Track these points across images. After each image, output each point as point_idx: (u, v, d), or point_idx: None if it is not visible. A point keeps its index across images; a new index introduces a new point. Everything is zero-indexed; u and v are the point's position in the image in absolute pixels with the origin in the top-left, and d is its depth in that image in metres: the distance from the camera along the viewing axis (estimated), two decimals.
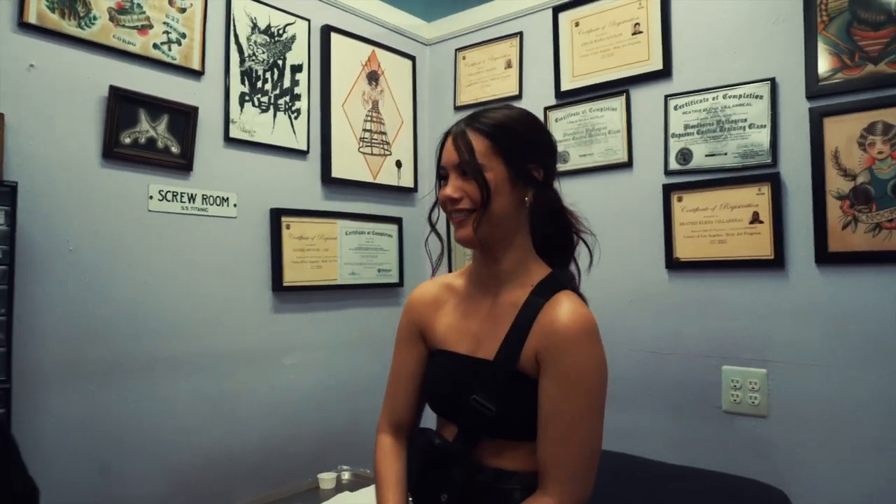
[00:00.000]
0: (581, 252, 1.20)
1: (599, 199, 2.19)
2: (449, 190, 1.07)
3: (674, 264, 2.00)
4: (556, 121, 2.32)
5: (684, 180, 2.00)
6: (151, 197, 1.84)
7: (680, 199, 2.00)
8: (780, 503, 1.64)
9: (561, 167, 2.30)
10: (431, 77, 2.75)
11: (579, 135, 2.27)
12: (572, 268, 1.20)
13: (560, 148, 2.31)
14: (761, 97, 1.86)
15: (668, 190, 2.02)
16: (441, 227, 1.21)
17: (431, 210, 1.18)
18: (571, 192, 2.19)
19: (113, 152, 1.76)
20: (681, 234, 1.99)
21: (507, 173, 1.06)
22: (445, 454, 1.09)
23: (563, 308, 1.05)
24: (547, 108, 2.34)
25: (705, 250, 1.94)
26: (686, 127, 2.01)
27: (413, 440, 1.20)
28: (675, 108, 2.03)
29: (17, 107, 1.59)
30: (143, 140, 1.83)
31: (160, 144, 1.86)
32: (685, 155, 2.01)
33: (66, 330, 1.66)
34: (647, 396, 2.03)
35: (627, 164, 2.15)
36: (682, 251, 1.99)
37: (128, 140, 1.80)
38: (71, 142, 1.69)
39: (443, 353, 1.16)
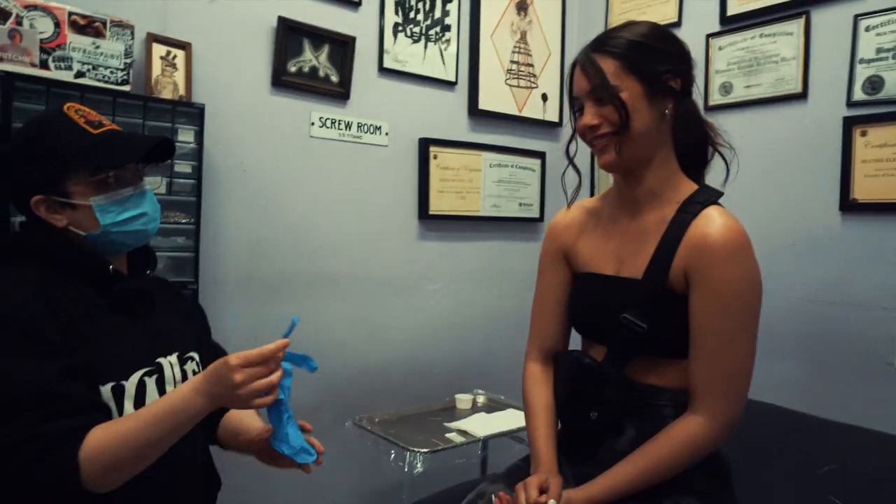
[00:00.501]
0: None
1: (766, 135, 2.02)
2: (587, 118, 1.05)
3: (850, 206, 1.81)
4: (720, 49, 2.15)
5: (871, 112, 1.78)
6: (313, 123, 1.96)
7: (864, 134, 1.79)
8: None
9: (722, 100, 2.14)
10: (582, 6, 2.64)
11: (745, 63, 2.08)
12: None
13: (722, 79, 2.14)
14: None
15: (849, 123, 1.82)
16: (582, 159, 1.18)
17: (569, 143, 1.16)
18: (736, 127, 2.07)
19: (281, 80, 1.88)
20: (861, 172, 1.79)
21: (643, 89, 1.03)
22: (595, 373, 1.10)
23: (714, 222, 1.02)
24: (710, 36, 2.17)
25: (891, 191, 1.73)
26: (879, 51, 1.77)
27: (559, 361, 1.21)
28: (868, 28, 1.79)
29: (201, 37, 1.75)
30: (306, 69, 1.94)
31: (321, 73, 1.97)
32: (875, 83, 1.78)
33: (241, 245, 1.84)
34: (806, 349, 1.89)
35: (801, 96, 1.95)
36: (862, 192, 1.79)
37: (293, 69, 1.91)
38: (246, 69, 1.84)
39: (588, 276, 1.16)
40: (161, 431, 0.93)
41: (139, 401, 1.03)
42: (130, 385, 1.02)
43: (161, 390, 1.06)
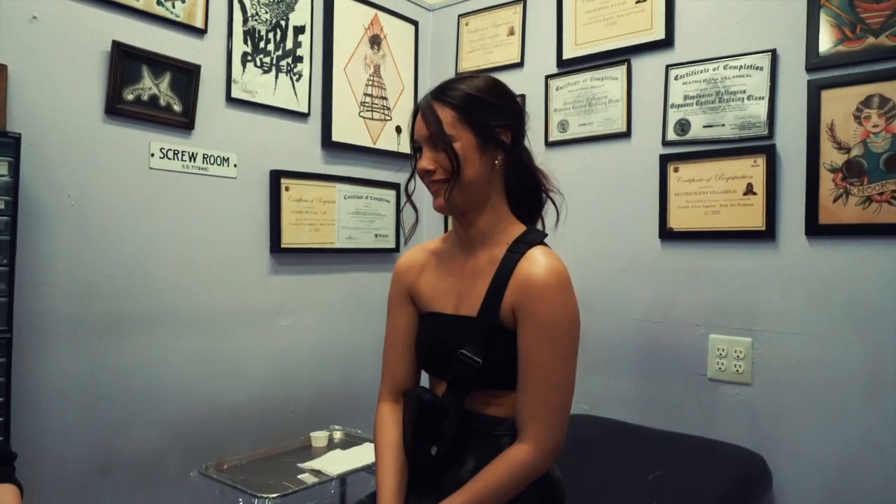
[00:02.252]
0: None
1: (597, 169, 2.21)
2: (424, 162, 1.12)
3: (667, 234, 2.03)
4: (557, 89, 2.33)
5: (681, 151, 2.01)
6: (153, 154, 1.86)
7: (676, 170, 2.02)
8: (756, 466, 1.70)
9: (560, 136, 2.31)
10: (434, 43, 2.75)
11: (579, 104, 2.27)
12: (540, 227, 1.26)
13: (559, 117, 2.32)
14: (761, 68, 1.86)
15: (664, 160, 2.04)
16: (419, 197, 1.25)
17: (408, 181, 1.23)
18: (570, 161, 2.26)
19: (115, 108, 1.77)
20: (675, 204, 2.01)
21: (476, 140, 1.11)
22: (435, 408, 1.15)
23: (537, 263, 1.10)
24: (548, 77, 2.34)
25: (699, 221, 1.97)
26: (686, 97, 2.01)
27: (407, 399, 1.24)
28: (676, 77, 2.03)
29: (21, 58, 1.60)
30: (145, 97, 1.84)
31: (162, 102, 1.88)
32: (683, 126, 2.01)
33: (68, 283, 1.69)
34: (635, 363, 2.08)
35: (626, 134, 2.16)
36: (676, 221, 2.01)
37: (130, 97, 1.81)
38: (74, 96, 1.71)
39: (430, 315, 1.22)
40: None
41: None
42: None
43: None
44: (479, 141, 1.11)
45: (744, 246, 1.89)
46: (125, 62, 1.78)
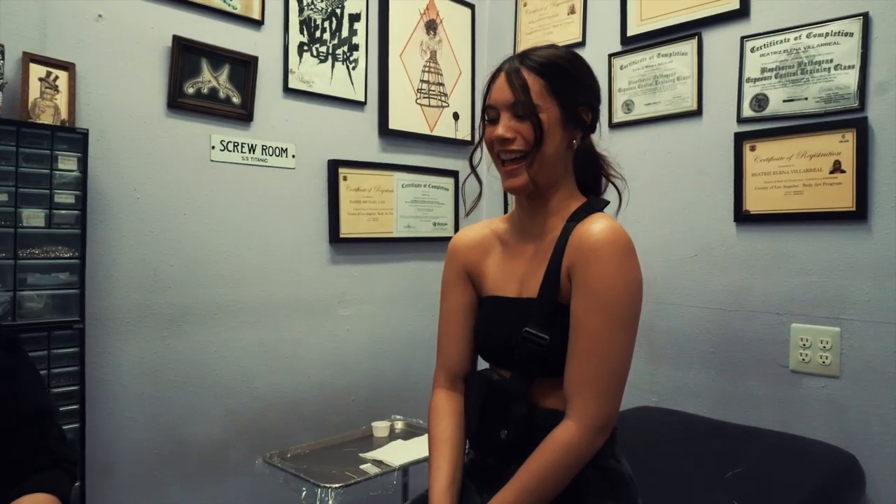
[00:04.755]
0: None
1: (665, 150, 2.10)
2: (501, 129, 1.05)
3: (743, 217, 1.90)
4: (621, 68, 2.22)
5: (758, 128, 1.87)
6: (213, 147, 1.88)
7: (753, 149, 1.88)
8: (848, 465, 1.57)
9: (625, 117, 2.20)
10: (491, 26, 2.67)
11: (645, 82, 2.16)
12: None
13: (624, 97, 2.21)
14: (851, 35, 1.71)
15: (739, 139, 1.91)
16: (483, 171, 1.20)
17: (473, 150, 1.16)
18: (636, 143, 2.15)
19: (177, 102, 1.80)
20: (752, 185, 1.88)
21: (560, 114, 1.05)
22: (503, 390, 1.08)
23: (595, 225, 1.03)
24: (612, 55, 2.24)
25: (779, 202, 1.83)
26: (763, 70, 1.87)
27: (470, 383, 1.18)
28: (752, 50, 1.89)
29: (87, 56, 1.64)
30: (205, 90, 1.86)
31: (222, 94, 1.89)
32: (760, 101, 1.88)
33: (136, 276, 1.73)
34: (708, 354, 1.96)
35: (696, 113, 2.03)
36: (753, 203, 1.88)
37: (191, 90, 1.83)
38: (137, 91, 1.74)
39: (493, 299, 1.15)
40: None
41: None
42: None
43: None
44: (563, 116, 1.05)
45: (830, 228, 1.74)
46: (185, 56, 1.80)
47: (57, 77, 1.58)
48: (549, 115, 1.04)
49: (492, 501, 1.01)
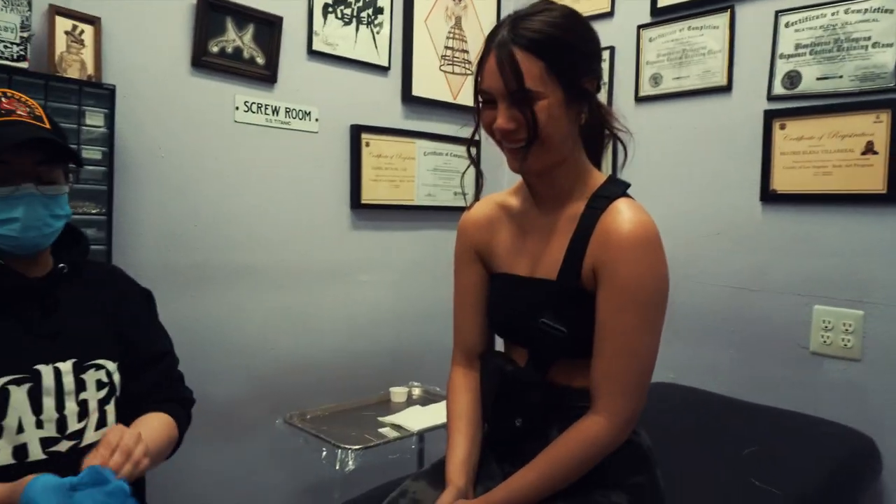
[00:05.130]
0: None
1: (692, 126, 2.07)
2: (502, 120, 0.95)
3: (770, 196, 1.88)
4: (650, 40, 2.18)
5: (790, 106, 1.84)
6: (237, 108, 1.86)
7: (783, 127, 1.86)
8: (866, 447, 1.58)
9: (652, 91, 2.17)
10: None
11: (674, 56, 2.12)
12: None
13: (652, 70, 2.17)
14: (891, 11, 1.66)
15: (770, 116, 1.88)
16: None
17: (471, 138, 1.09)
18: (662, 118, 2.12)
19: (201, 61, 1.77)
20: (780, 164, 1.86)
21: (564, 96, 0.95)
22: (517, 380, 1.08)
23: (621, 216, 0.98)
24: (640, 27, 2.19)
25: (807, 182, 1.81)
26: (798, 47, 1.83)
27: (485, 365, 1.18)
28: (787, 25, 1.85)
29: (113, 12, 1.61)
30: (229, 49, 1.83)
31: (246, 54, 1.87)
32: (793, 78, 1.84)
33: (159, 236, 1.73)
34: (727, 332, 1.96)
35: (726, 88, 2.00)
36: (781, 183, 1.86)
37: (215, 49, 1.80)
38: (162, 49, 1.71)
39: (504, 277, 1.13)
40: None
41: (1, 410, 0.97)
42: None
43: (35, 400, 1.00)
44: (567, 96, 0.95)
45: (860, 210, 1.72)
46: (210, 14, 1.77)
47: (83, 31, 1.55)
48: (553, 100, 0.94)
49: (512, 481, 1.02)
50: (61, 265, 1.10)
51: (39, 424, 1.00)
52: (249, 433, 1.92)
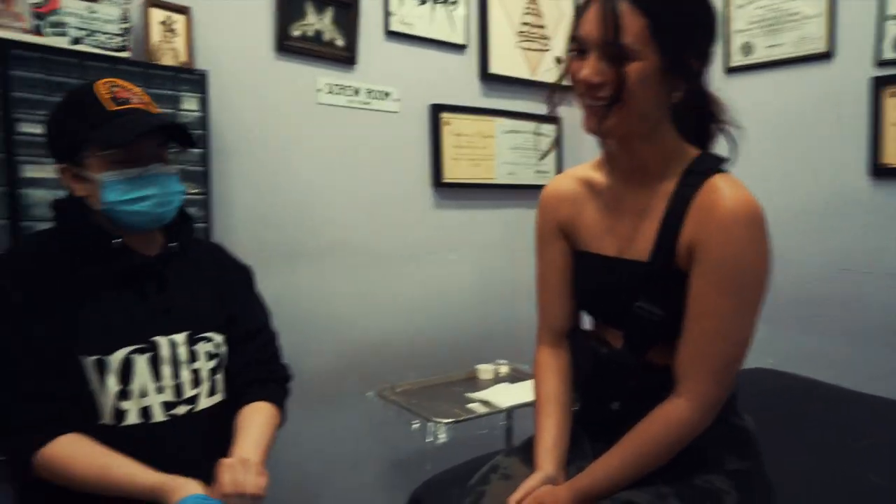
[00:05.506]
0: None
1: (788, 97, 1.96)
2: (588, 71, 0.88)
3: (880, 171, 1.76)
4: (740, 7, 2.07)
5: None
6: (320, 90, 1.88)
7: (895, 95, 1.73)
8: None
9: (743, 60, 2.06)
10: None
11: (767, 22, 2.00)
12: None
13: (742, 39, 2.06)
14: None
15: (878, 84, 1.75)
16: None
17: (553, 89, 1.01)
18: (755, 89, 2.01)
19: (284, 45, 1.80)
20: (892, 136, 1.73)
21: (661, 63, 0.87)
22: (614, 363, 1.04)
23: (720, 193, 0.91)
24: None
25: None
26: None
27: (575, 346, 1.15)
28: None
29: (201, 1, 1.65)
30: (310, 33, 1.85)
31: (326, 37, 1.88)
32: None
33: (253, 214, 1.78)
34: (834, 318, 1.85)
35: (826, 56, 1.88)
36: (894, 156, 1.73)
37: (297, 33, 1.82)
38: (248, 34, 1.75)
39: (589, 256, 1.08)
40: (105, 493, 0.99)
41: (125, 377, 1.05)
42: (114, 360, 1.04)
43: (156, 368, 1.08)
44: (665, 65, 0.87)
45: None
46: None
47: (175, 21, 1.60)
48: (647, 64, 0.86)
49: (597, 467, 0.99)
50: (172, 244, 1.16)
51: (160, 390, 1.08)
52: (342, 405, 1.97)
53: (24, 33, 1.34)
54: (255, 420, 1.16)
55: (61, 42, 1.38)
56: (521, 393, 1.79)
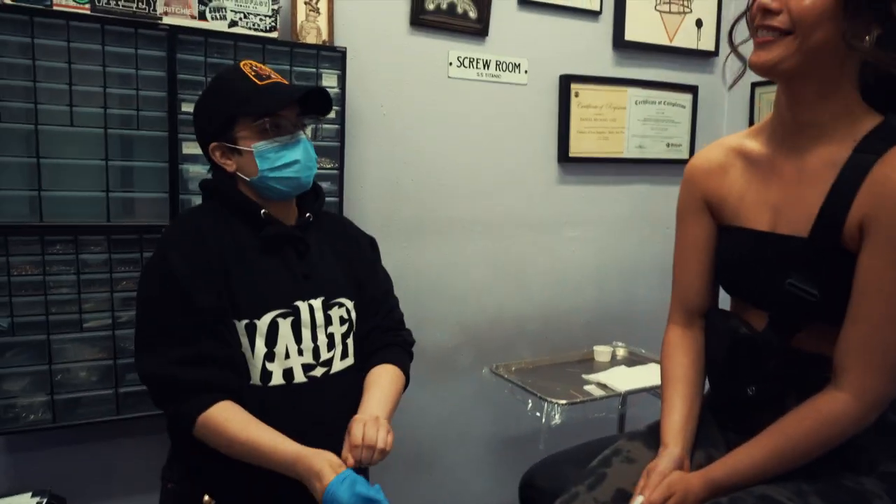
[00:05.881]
0: None
1: None
2: None
3: None
4: None
5: None
6: (451, 63, 1.91)
7: None
8: None
9: None
10: None
11: None
12: None
13: None
14: None
15: None
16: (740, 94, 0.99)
17: (734, 24, 0.97)
18: None
19: (419, 19, 1.83)
20: None
21: None
22: (755, 346, 0.98)
23: None
24: None
25: None
26: None
27: (712, 325, 1.09)
28: None
29: None
30: (444, 5, 1.87)
31: (459, 9, 1.89)
32: None
33: (381, 188, 1.86)
34: None
35: None
36: None
37: (431, 6, 1.85)
38: (385, 10, 1.80)
39: (738, 231, 1.01)
40: (252, 461, 1.05)
41: (271, 340, 1.12)
42: (262, 324, 1.11)
43: (296, 332, 1.14)
44: None
45: None
46: None
47: (318, 0, 1.68)
48: None
49: (735, 458, 0.94)
50: (308, 214, 1.24)
51: (300, 353, 1.15)
52: (458, 378, 2.03)
53: (191, 19, 1.48)
54: (383, 380, 1.22)
55: (221, 26, 1.51)
56: (639, 377, 1.75)
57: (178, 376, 1.05)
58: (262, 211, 1.15)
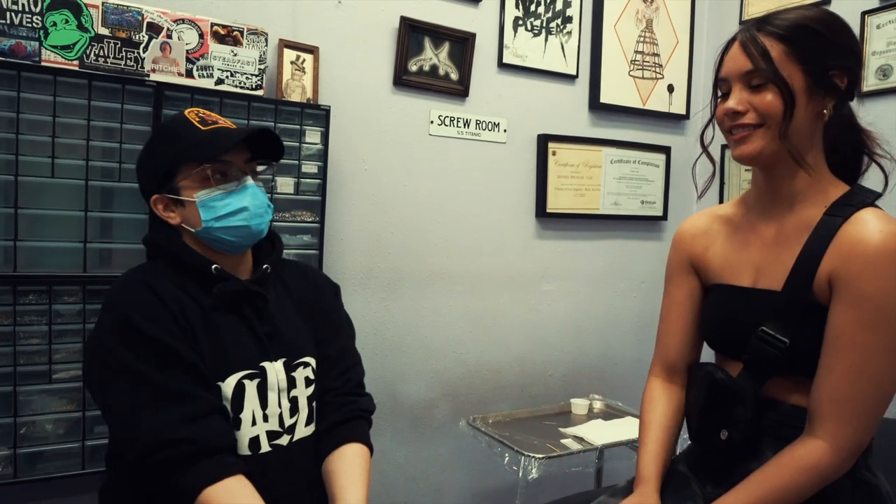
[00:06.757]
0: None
1: None
2: (732, 102, 0.96)
3: None
4: (878, 27, 1.92)
5: None
6: (432, 122, 1.97)
7: None
8: None
9: (879, 84, 1.91)
10: None
11: None
12: None
13: (880, 62, 1.92)
14: None
15: None
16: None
17: (704, 129, 1.09)
18: (894, 114, 1.85)
19: (402, 80, 1.90)
20: None
21: (805, 82, 0.93)
22: (728, 390, 1.01)
23: (869, 225, 0.90)
24: (865, 13, 1.94)
25: None
26: None
27: (693, 375, 1.13)
28: None
29: (328, 40, 1.80)
30: (426, 67, 1.94)
31: (441, 71, 1.97)
32: None
33: (361, 242, 1.89)
34: None
35: None
36: None
37: (414, 67, 1.93)
38: (369, 70, 1.87)
39: (722, 288, 1.08)
40: None
41: (237, 405, 1.04)
42: (227, 387, 1.04)
43: (262, 395, 1.07)
44: (809, 83, 0.93)
45: None
46: (410, 35, 1.90)
47: (304, 60, 1.75)
48: (793, 84, 0.92)
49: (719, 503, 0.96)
50: (265, 266, 1.15)
51: (265, 419, 1.07)
52: (434, 432, 2.01)
53: (178, 76, 1.53)
54: (355, 466, 1.11)
55: (208, 83, 1.56)
56: (615, 431, 1.74)
57: (189, 436, 0.95)
58: (214, 266, 1.07)
